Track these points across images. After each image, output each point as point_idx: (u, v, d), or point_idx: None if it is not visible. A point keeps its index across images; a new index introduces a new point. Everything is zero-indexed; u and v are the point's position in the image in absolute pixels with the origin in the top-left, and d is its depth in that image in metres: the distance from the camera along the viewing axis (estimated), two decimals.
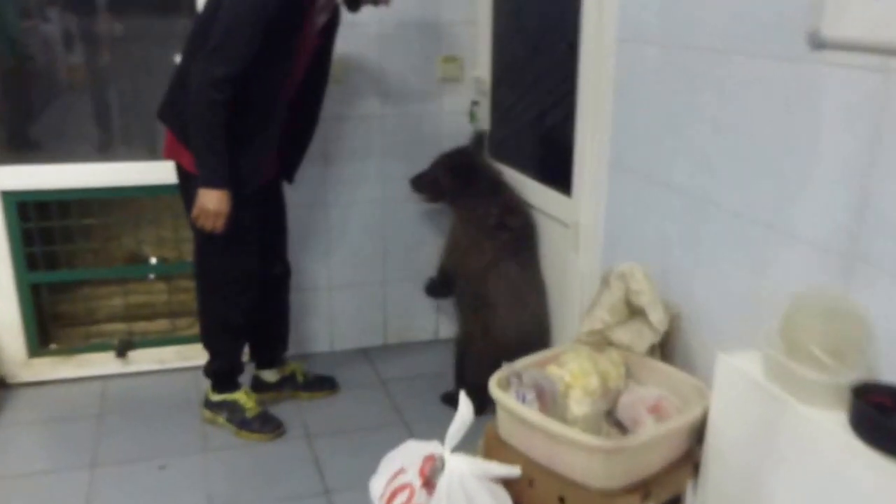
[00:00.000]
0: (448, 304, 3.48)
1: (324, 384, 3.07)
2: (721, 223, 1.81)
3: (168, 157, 2.54)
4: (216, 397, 2.77)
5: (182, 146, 2.43)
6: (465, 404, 1.84)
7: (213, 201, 2.35)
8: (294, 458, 2.62)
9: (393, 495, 1.83)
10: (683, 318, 1.99)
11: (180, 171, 2.52)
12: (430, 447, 1.86)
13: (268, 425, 2.73)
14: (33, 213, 3.01)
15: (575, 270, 2.52)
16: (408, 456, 1.87)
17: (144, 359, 3.22)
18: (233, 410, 2.74)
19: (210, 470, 2.55)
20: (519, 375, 1.80)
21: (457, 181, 2.80)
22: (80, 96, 3.28)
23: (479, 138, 3.10)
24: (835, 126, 1.47)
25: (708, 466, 1.72)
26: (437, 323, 3.56)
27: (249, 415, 2.73)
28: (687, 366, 1.96)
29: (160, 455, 2.60)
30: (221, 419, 2.75)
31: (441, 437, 1.88)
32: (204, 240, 2.53)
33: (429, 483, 1.79)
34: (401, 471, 1.83)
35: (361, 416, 2.90)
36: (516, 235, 2.70)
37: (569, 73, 2.46)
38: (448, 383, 3.01)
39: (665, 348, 2.01)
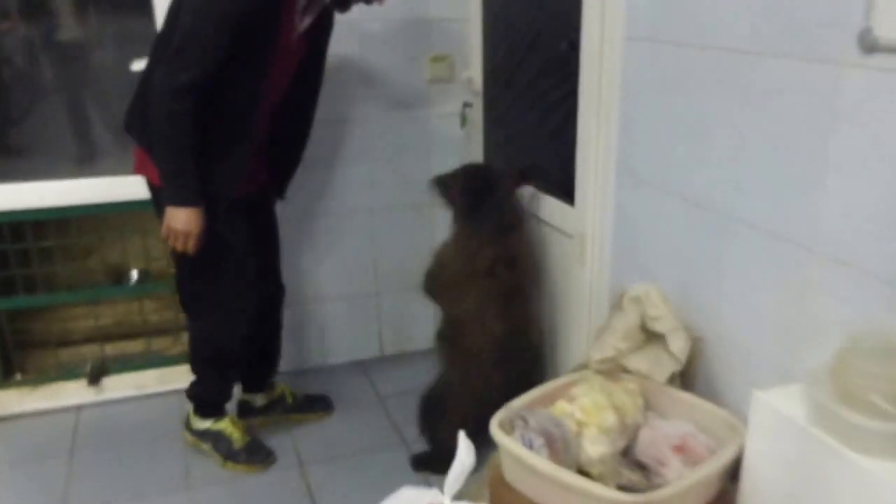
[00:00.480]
0: None
1: (316, 405, 2.89)
2: (751, 242, 1.63)
3: (138, 172, 2.33)
4: (200, 425, 2.59)
5: (150, 160, 2.23)
6: (465, 447, 1.66)
7: (180, 220, 2.16)
8: (285, 490, 2.45)
9: None
10: (706, 342, 1.82)
11: (151, 187, 2.31)
12: (429, 496, 1.67)
13: (256, 455, 2.55)
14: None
15: (581, 284, 2.34)
16: None
17: (120, 385, 3.03)
18: (218, 440, 2.56)
19: None
20: (524, 418, 1.62)
21: (465, 199, 2.48)
22: (54, 106, 3.09)
23: (520, 172, 2.61)
24: (888, 139, 1.29)
25: None
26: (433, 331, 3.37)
27: (237, 445, 2.55)
28: (710, 395, 1.79)
29: (139, 497, 2.42)
30: (206, 447, 2.57)
31: None
32: (184, 262, 2.32)
33: None
34: None
35: (357, 437, 2.73)
36: (508, 288, 2.35)
37: (569, 74, 2.28)
38: None
39: (685, 375, 1.83)
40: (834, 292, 1.44)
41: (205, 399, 2.58)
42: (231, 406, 2.67)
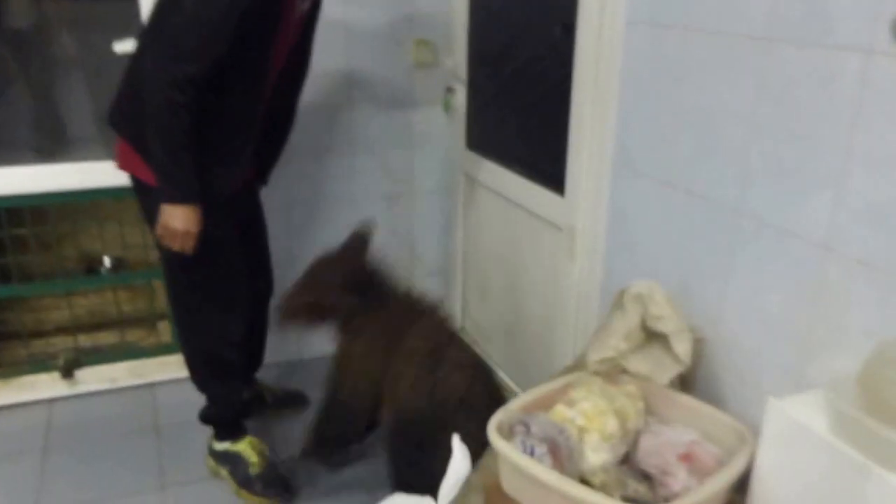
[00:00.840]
0: None
1: (292, 400, 2.79)
2: (762, 240, 1.54)
3: (122, 168, 2.16)
4: (219, 446, 2.40)
5: (138, 156, 2.07)
6: (460, 455, 1.57)
7: (179, 219, 1.99)
8: None
9: None
10: (708, 344, 1.74)
11: (137, 184, 2.14)
12: None
13: (271, 488, 2.34)
14: None
15: (570, 280, 2.25)
16: None
17: (93, 378, 2.91)
18: (236, 464, 2.37)
19: None
20: (526, 423, 1.53)
21: (353, 295, 2.17)
22: (25, 90, 2.95)
23: (361, 237, 2.35)
24: None
25: None
26: None
27: (253, 471, 2.35)
28: (712, 400, 1.70)
29: (113, 496, 2.31)
30: (224, 472, 2.39)
31: None
32: (174, 263, 2.16)
33: None
34: None
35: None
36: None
37: (563, 59, 2.18)
38: None
39: (684, 378, 1.75)
40: (853, 295, 1.35)
41: (218, 418, 2.40)
42: None
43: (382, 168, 3.04)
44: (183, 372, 2.44)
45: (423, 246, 3.21)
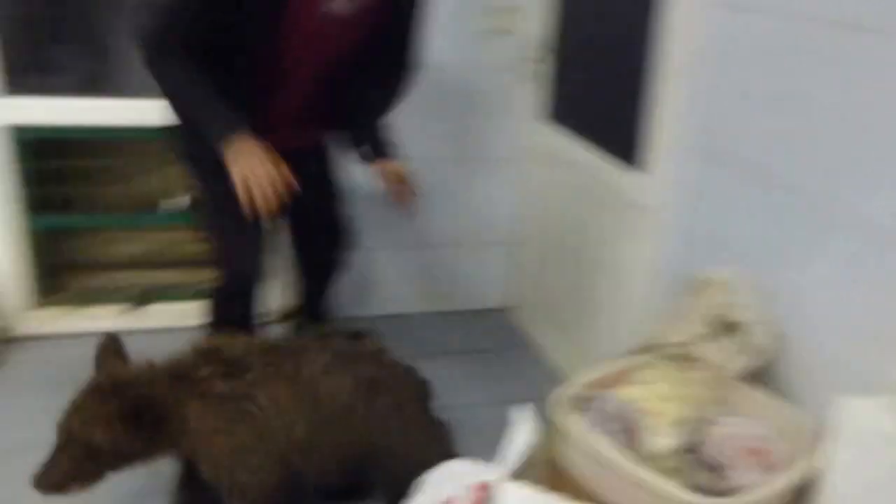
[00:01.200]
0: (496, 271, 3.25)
1: None
2: (849, 234, 1.49)
3: None
4: None
5: None
6: (524, 424, 1.56)
7: (245, 153, 1.76)
8: None
9: None
10: (785, 339, 1.69)
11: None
12: (482, 472, 1.57)
13: None
14: (43, 151, 2.73)
15: (637, 259, 2.23)
16: (455, 481, 1.57)
17: (162, 314, 2.98)
18: None
19: None
20: (598, 401, 1.52)
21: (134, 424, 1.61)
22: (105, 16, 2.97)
23: (107, 345, 1.81)
24: None
25: None
26: (479, 292, 3.32)
27: None
28: (782, 395, 1.68)
29: None
30: None
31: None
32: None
33: None
34: (448, 502, 1.54)
35: None
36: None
37: (649, 35, 2.12)
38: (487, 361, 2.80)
39: (756, 370, 1.71)
40: None
41: None
42: None
43: (457, 134, 3.02)
44: None
45: (492, 215, 3.20)
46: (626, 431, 1.48)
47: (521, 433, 1.54)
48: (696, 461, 1.57)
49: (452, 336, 3.11)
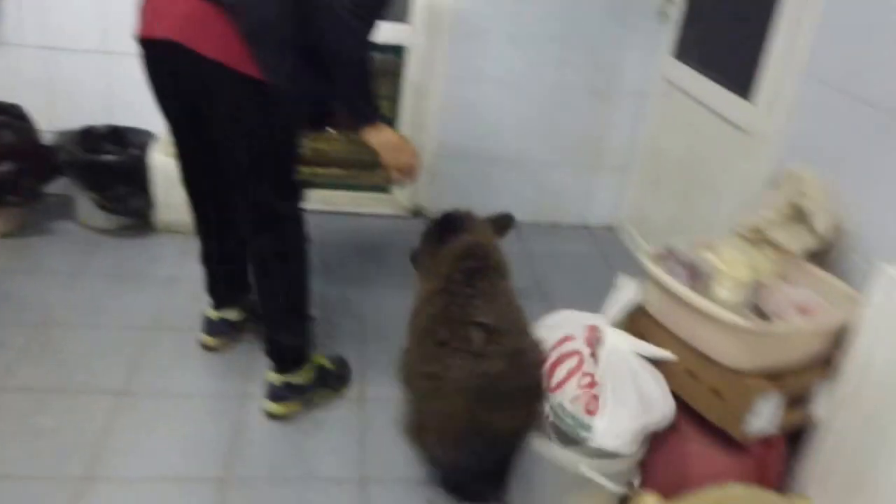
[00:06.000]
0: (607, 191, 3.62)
1: None
2: None
3: (211, 54, 1.80)
4: (297, 379, 2.21)
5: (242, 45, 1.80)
6: (627, 283, 1.93)
7: (392, 141, 2.09)
8: None
9: (560, 360, 1.87)
10: (851, 234, 2.02)
11: (238, 82, 1.82)
12: (591, 318, 1.94)
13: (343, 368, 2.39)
14: None
15: (745, 181, 2.53)
16: (569, 324, 1.95)
17: (317, 199, 3.47)
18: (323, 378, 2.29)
19: None
20: (673, 252, 1.92)
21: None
22: None
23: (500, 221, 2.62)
24: None
25: (847, 373, 1.78)
26: (588, 210, 3.70)
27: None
28: (837, 273, 2.00)
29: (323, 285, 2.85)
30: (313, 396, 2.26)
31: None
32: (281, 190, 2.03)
33: (594, 354, 1.86)
34: (567, 337, 1.89)
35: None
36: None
37: None
38: (593, 268, 3.19)
39: (824, 259, 2.06)
40: None
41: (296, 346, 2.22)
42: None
43: (594, 65, 3.36)
44: (388, 209, 2.99)
45: (614, 141, 3.55)
46: (692, 278, 1.87)
47: (623, 293, 1.93)
48: (753, 312, 1.94)
49: (560, 244, 3.50)
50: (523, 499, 1.96)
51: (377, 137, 2.05)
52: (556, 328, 1.98)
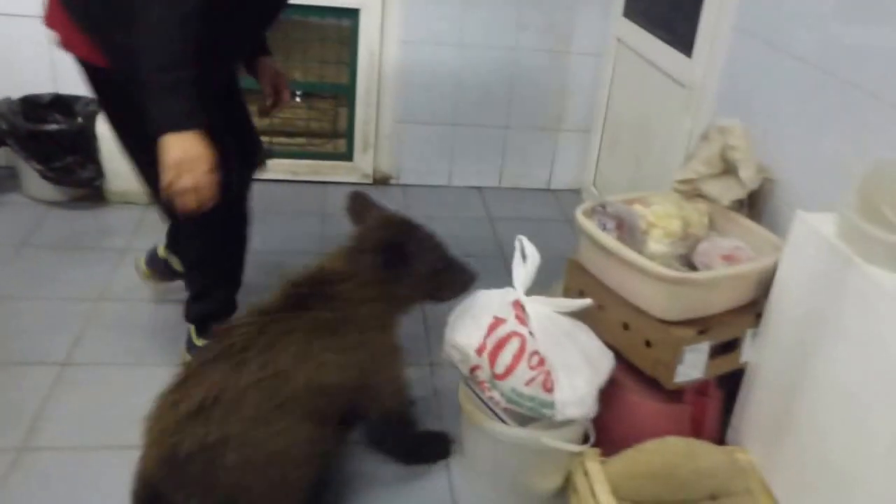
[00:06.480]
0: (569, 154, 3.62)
1: None
2: (833, 92, 1.82)
3: (65, 46, 1.79)
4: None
5: (79, 32, 1.73)
6: (531, 247, 1.87)
7: (187, 153, 1.62)
8: None
9: (499, 346, 1.80)
10: (778, 183, 2.04)
11: (87, 67, 1.79)
12: (510, 294, 1.87)
13: None
14: None
15: (682, 131, 2.57)
16: (490, 306, 1.86)
17: (279, 168, 3.50)
18: None
19: None
20: (603, 205, 1.93)
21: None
22: None
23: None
24: None
25: (770, 317, 1.83)
26: (551, 174, 3.71)
27: None
28: (774, 229, 2.03)
29: (284, 253, 2.88)
30: None
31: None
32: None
33: (532, 331, 1.80)
34: (499, 320, 1.82)
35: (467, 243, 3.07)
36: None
37: None
38: (557, 232, 3.20)
39: (754, 209, 2.08)
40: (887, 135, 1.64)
41: (208, 316, 2.17)
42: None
43: (548, 25, 3.36)
44: (351, 177, 2.93)
45: (574, 103, 3.56)
46: (622, 231, 1.88)
47: (531, 255, 1.88)
48: (684, 263, 1.96)
49: (523, 208, 3.53)
50: (481, 478, 1.97)
51: (176, 150, 1.61)
52: (481, 313, 1.87)
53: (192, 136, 1.60)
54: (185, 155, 1.60)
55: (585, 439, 1.92)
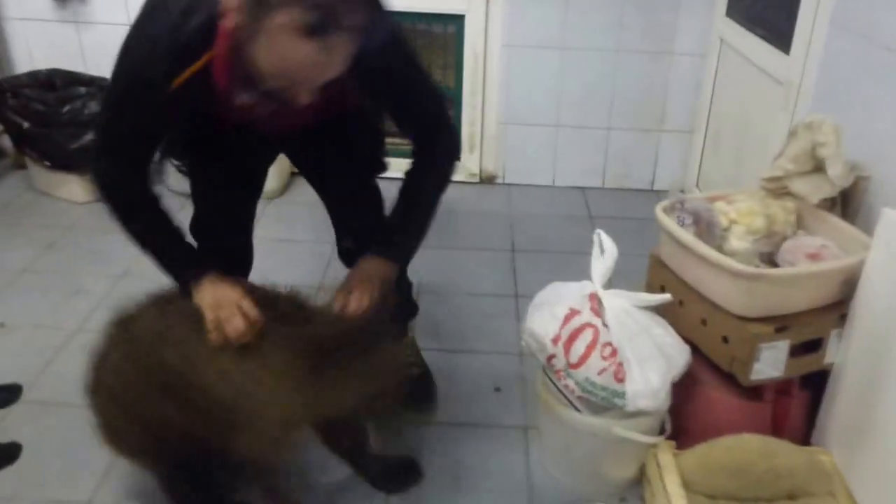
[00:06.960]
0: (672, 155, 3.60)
1: None
2: None
3: None
4: None
5: None
6: (608, 241, 1.91)
7: (212, 296, 1.64)
8: (496, 266, 3.00)
9: (573, 336, 1.85)
10: (874, 181, 1.99)
11: None
12: (587, 287, 1.91)
13: None
14: None
15: (780, 128, 2.52)
16: (567, 298, 1.91)
17: (394, 167, 3.61)
18: None
19: None
20: (682, 202, 1.95)
21: None
22: None
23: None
24: None
25: (855, 317, 1.80)
26: (654, 174, 3.69)
27: None
28: (868, 229, 1.97)
29: None
30: None
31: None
32: None
33: (605, 323, 1.84)
34: (574, 311, 1.87)
35: (566, 242, 3.21)
36: None
37: None
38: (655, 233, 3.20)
39: (848, 208, 2.03)
40: None
41: None
42: None
43: (649, 26, 3.36)
44: (460, 176, 2.98)
45: (676, 103, 3.54)
46: (701, 228, 1.89)
47: (609, 250, 1.91)
48: (769, 262, 1.95)
49: (626, 209, 3.53)
50: (557, 464, 2.03)
51: (206, 297, 1.65)
52: (558, 304, 1.92)
53: (207, 285, 1.66)
54: (214, 300, 1.63)
55: (663, 431, 1.95)
